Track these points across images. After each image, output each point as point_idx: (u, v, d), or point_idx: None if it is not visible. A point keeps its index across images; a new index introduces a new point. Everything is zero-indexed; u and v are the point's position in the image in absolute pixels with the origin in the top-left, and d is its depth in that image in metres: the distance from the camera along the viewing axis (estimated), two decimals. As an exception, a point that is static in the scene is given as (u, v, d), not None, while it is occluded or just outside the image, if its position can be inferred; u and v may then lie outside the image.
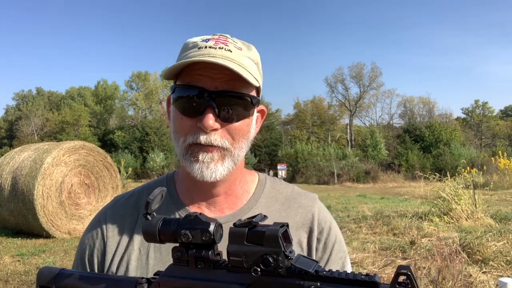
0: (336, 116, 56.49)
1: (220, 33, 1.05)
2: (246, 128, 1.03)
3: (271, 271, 0.73)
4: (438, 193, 9.17)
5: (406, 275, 0.68)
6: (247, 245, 0.75)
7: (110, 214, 1.11)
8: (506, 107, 65.37)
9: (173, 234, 0.80)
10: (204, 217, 0.81)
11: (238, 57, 0.99)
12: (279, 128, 50.57)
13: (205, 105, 0.96)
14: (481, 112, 54.18)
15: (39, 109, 56.14)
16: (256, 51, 1.08)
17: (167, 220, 0.82)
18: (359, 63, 55.40)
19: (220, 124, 0.98)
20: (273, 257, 0.73)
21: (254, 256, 0.74)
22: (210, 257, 0.79)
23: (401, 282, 0.68)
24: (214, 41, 1.00)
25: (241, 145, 1.02)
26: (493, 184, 16.95)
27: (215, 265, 0.80)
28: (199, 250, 0.79)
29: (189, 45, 1.03)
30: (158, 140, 42.69)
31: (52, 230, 9.08)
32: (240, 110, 1.00)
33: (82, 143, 9.98)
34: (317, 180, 29.80)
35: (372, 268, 5.81)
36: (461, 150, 31.80)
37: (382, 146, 38.32)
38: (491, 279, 5.11)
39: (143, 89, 57.01)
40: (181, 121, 1.01)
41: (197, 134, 0.98)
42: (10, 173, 9.38)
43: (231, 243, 0.76)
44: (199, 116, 0.97)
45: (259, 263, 0.74)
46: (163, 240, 0.82)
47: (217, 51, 0.97)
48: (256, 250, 0.74)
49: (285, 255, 0.74)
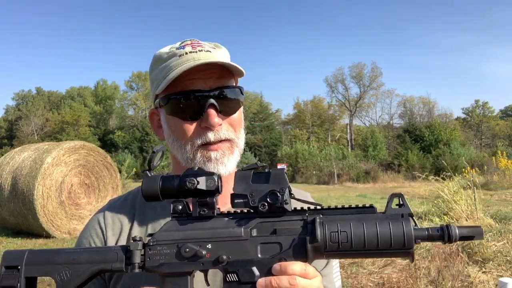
0: (336, 116, 56.48)
1: (189, 38, 1.10)
2: (241, 117, 1.11)
3: (277, 207, 0.77)
4: (438, 193, 9.17)
5: (399, 196, 0.78)
6: (253, 185, 0.79)
7: (108, 214, 1.13)
8: (506, 107, 65.42)
9: (177, 186, 0.81)
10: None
11: (218, 54, 1.06)
12: (279, 128, 50.55)
13: (206, 104, 1.01)
14: (481, 112, 54.16)
15: (39, 109, 56.11)
16: (225, 48, 1.14)
17: (166, 176, 0.84)
18: (359, 63, 55.28)
19: (222, 119, 1.04)
20: (280, 192, 0.77)
21: (261, 194, 0.78)
22: (214, 203, 0.81)
23: (398, 204, 0.78)
24: (191, 46, 1.06)
25: (241, 134, 1.10)
26: (493, 184, 16.98)
27: (217, 213, 0.82)
28: (203, 197, 0.81)
29: (164, 56, 1.07)
30: (158, 140, 42.62)
31: (52, 230, 9.08)
32: (235, 102, 1.06)
33: (82, 143, 9.99)
34: (317, 180, 29.79)
35: (372, 268, 5.80)
36: (461, 150, 31.79)
37: (383, 146, 38.33)
38: (491, 279, 5.11)
39: (143, 89, 57.03)
40: (182, 127, 1.03)
41: (204, 135, 1.02)
42: (10, 173, 9.38)
43: (238, 185, 0.80)
44: (201, 117, 1.01)
45: (266, 199, 0.78)
46: (164, 196, 0.82)
47: (199, 54, 1.03)
48: (263, 187, 0.78)
49: (289, 189, 0.79)
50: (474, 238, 0.77)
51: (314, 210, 0.80)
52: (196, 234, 0.80)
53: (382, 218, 0.77)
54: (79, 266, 0.83)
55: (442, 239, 0.77)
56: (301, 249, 0.76)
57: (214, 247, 0.79)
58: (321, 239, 0.75)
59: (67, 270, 0.83)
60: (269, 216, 0.79)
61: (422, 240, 0.77)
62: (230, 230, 0.79)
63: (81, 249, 0.87)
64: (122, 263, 0.82)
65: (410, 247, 0.75)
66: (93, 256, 0.84)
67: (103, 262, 0.83)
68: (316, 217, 0.77)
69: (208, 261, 0.79)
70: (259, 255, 0.78)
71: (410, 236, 0.75)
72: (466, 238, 0.77)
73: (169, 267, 0.80)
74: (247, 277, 0.77)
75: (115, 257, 0.82)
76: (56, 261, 0.84)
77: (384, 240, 0.75)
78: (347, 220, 0.76)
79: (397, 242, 0.75)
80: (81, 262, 0.83)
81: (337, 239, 0.75)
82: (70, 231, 9.43)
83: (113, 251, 0.83)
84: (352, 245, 0.74)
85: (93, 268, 0.83)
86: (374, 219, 0.76)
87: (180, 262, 0.79)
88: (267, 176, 0.78)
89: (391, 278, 4.98)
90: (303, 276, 0.76)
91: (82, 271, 0.83)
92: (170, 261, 0.80)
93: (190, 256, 0.78)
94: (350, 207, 0.80)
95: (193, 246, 0.79)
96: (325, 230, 0.75)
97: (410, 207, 0.79)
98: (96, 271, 0.83)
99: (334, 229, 0.75)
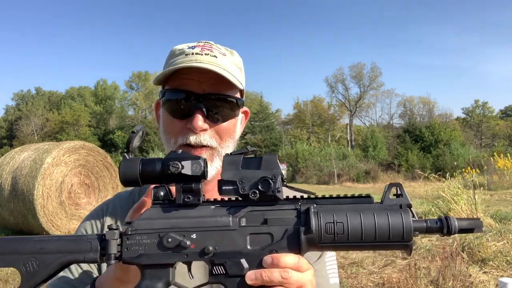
0: (336, 116, 56.47)
1: (205, 40, 1.12)
2: (232, 128, 1.10)
3: (269, 195, 0.72)
4: (438, 193, 9.17)
5: (398, 185, 0.74)
6: (243, 171, 0.73)
7: (111, 206, 1.17)
8: (506, 107, 65.35)
9: (159, 170, 0.74)
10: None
11: (223, 62, 1.06)
12: (279, 128, 50.57)
13: (194, 107, 1.02)
14: (481, 112, 54.16)
15: (39, 109, 56.09)
16: (238, 56, 1.14)
17: (147, 158, 0.77)
18: (359, 63, 55.28)
19: (209, 125, 1.04)
20: (272, 179, 0.72)
21: (251, 180, 0.72)
22: (199, 190, 0.75)
23: (395, 194, 0.74)
24: (200, 48, 1.07)
25: (228, 144, 1.09)
26: (493, 184, 16.96)
27: (203, 201, 0.76)
28: (188, 182, 0.74)
29: (176, 52, 1.10)
30: (158, 140, 42.68)
31: (52, 230, 9.07)
32: (226, 111, 1.06)
33: (82, 143, 9.98)
34: (317, 180, 29.78)
35: (372, 268, 5.81)
36: (461, 150, 31.78)
37: (383, 146, 38.32)
38: (491, 279, 5.11)
39: (143, 89, 57.02)
40: (171, 123, 1.06)
41: (187, 135, 1.03)
42: (10, 173, 9.38)
43: (226, 171, 0.73)
44: (189, 118, 1.03)
45: (257, 187, 0.72)
46: (144, 180, 0.75)
47: (204, 57, 1.04)
48: (254, 174, 0.72)
49: (282, 176, 0.74)
50: (474, 230, 0.73)
51: (307, 199, 0.76)
52: (179, 223, 0.74)
53: (380, 209, 0.73)
54: (47, 256, 0.74)
55: (441, 231, 0.73)
56: (294, 240, 0.72)
57: (199, 237, 0.73)
58: (316, 230, 0.71)
59: (33, 260, 0.74)
60: (260, 205, 0.74)
61: (421, 232, 0.73)
62: (217, 219, 0.74)
63: (51, 237, 0.77)
64: (96, 254, 0.75)
65: (409, 240, 0.72)
66: (64, 245, 0.75)
67: (76, 252, 0.75)
68: (310, 207, 0.72)
69: (193, 252, 0.73)
70: (249, 246, 0.73)
71: (409, 228, 0.71)
72: (465, 230, 0.73)
73: (149, 258, 0.73)
74: (235, 270, 0.72)
75: (89, 246, 0.75)
76: (22, 250, 0.74)
77: (382, 232, 0.71)
78: (343, 210, 0.72)
79: (396, 234, 0.71)
80: (50, 252, 0.74)
81: (333, 230, 0.71)
82: (70, 231, 9.42)
83: (87, 240, 0.75)
84: (349, 237, 0.70)
85: (63, 258, 0.74)
86: (372, 210, 0.72)
87: (161, 253, 0.73)
88: (259, 162, 0.73)
89: (391, 278, 4.97)
90: (296, 269, 0.71)
91: (50, 262, 0.74)
92: (150, 252, 0.73)
93: (173, 246, 0.73)
94: (346, 196, 0.75)
95: (176, 235, 0.73)
96: (320, 220, 0.71)
97: (407, 197, 0.75)
98: (66, 262, 0.75)
99: (330, 219, 0.71)
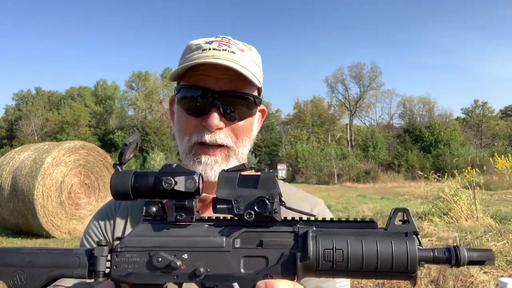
0: (336, 116, 56.48)
1: (222, 35, 1.07)
2: (249, 126, 1.06)
3: (265, 216, 0.68)
4: (438, 193, 9.17)
5: (404, 210, 0.69)
6: (239, 189, 0.69)
7: (120, 204, 1.14)
8: (506, 107, 65.30)
9: (151, 184, 0.71)
10: (186, 168, 0.74)
11: (241, 58, 1.01)
12: (279, 128, 50.58)
13: (210, 104, 0.98)
14: (481, 112, 54.15)
15: (39, 109, 56.12)
16: (257, 52, 1.10)
17: (140, 171, 0.73)
18: (359, 63, 55.32)
19: (225, 123, 1.00)
20: (269, 199, 0.68)
21: (248, 200, 0.68)
22: (193, 207, 0.71)
23: (401, 220, 0.70)
24: (218, 43, 1.02)
25: (244, 143, 1.05)
26: (493, 184, 16.96)
27: (196, 219, 0.72)
28: (181, 199, 0.71)
29: (193, 47, 1.05)
30: (158, 140, 42.70)
31: (52, 230, 9.07)
32: (243, 110, 1.02)
33: (82, 143, 9.98)
34: (317, 180, 29.79)
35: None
36: (461, 150, 31.78)
37: (383, 146, 38.33)
38: (491, 279, 5.11)
39: (143, 89, 57.01)
40: (186, 120, 1.02)
41: (202, 133, 0.99)
42: (10, 173, 9.37)
43: (221, 189, 0.69)
44: (204, 115, 0.99)
45: (253, 207, 0.68)
46: (136, 195, 0.72)
47: (221, 53, 0.99)
48: (250, 193, 0.68)
49: (280, 197, 0.70)
50: (485, 263, 0.68)
51: (307, 221, 0.71)
52: (171, 241, 0.70)
53: (384, 236, 0.68)
54: (35, 270, 0.72)
55: (449, 262, 0.69)
56: (289, 265, 0.68)
57: (190, 258, 0.69)
58: (313, 257, 0.66)
59: (21, 274, 0.72)
60: (256, 226, 0.70)
61: (427, 262, 0.69)
62: (210, 239, 0.70)
63: (40, 250, 0.75)
64: (84, 270, 0.72)
65: (413, 271, 0.68)
66: (53, 259, 0.73)
67: (64, 267, 0.72)
68: (309, 230, 0.68)
69: (183, 274, 0.69)
70: (242, 269, 0.69)
71: (414, 258, 0.67)
72: (476, 263, 0.68)
73: (138, 277, 0.70)
74: None
75: (77, 262, 0.72)
76: (10, 262, 0.72)
77: (385, 261, 0.66)
78: (344, 235, 0.68)
79: (399, 264, 0.67)
80: (38, 266, 0.72)
81: (332, 257, 0.66)
82: (70, 231, 9.42)
83: (75, 255, 0.73)
84: (348, 265, 0.66)
85: (51, 273, 0.72)
86: (374, 236, 0.68)
87: (151, 273, 0.70)
88: (256, 180, 0.69)
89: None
90: None
91: (38, 276, 0.72)
92: (140, 271, 0.70)
93: (162, 266, 0.69)
94: (348, 221, 0.71)
95: (167, 255, 0.69)
96: (318, 246, 0.67)
97: (414, 223, 0.70)
98: (54, 276, 0.73)
99: (329, 245, 0.67)
